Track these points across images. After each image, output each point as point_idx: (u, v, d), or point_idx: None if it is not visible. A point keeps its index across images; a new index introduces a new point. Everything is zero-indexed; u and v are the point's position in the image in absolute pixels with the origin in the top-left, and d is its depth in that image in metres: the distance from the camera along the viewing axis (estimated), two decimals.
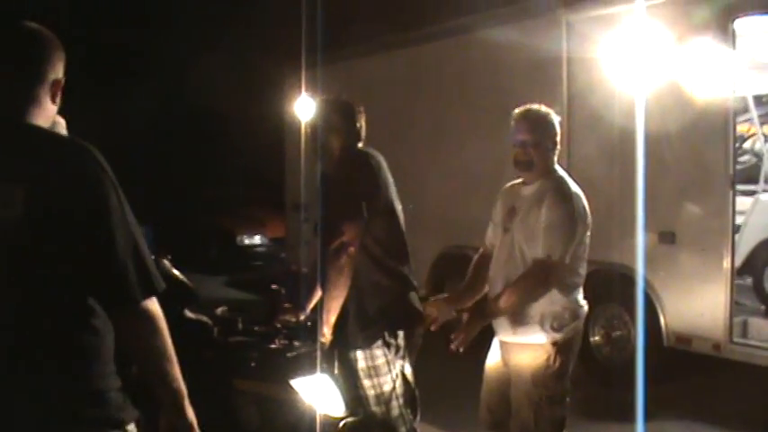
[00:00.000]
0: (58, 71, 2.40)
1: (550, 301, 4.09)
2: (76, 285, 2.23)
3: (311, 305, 4.19)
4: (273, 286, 4.24)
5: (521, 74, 7.83)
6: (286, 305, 4.22)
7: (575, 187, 4.19)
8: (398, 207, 4.23)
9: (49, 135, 2.34)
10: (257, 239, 15.77)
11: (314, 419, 3.53)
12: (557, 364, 4.09)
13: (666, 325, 6.86)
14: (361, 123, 4.25)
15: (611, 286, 7.28)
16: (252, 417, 3.74)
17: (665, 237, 6.80)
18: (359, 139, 4.25)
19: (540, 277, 4.04)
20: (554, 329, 4.09)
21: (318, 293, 4.09)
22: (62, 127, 3.80)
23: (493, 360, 4.38)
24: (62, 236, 2.18)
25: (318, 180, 4.30)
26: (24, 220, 2.13)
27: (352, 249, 3.89)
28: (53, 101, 2.40)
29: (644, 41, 6.66)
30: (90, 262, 2.21)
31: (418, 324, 4.27)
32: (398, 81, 9.99)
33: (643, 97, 6.50)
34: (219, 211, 16.28)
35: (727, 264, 6.42)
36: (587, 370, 7.51)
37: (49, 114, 2.40)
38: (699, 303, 6.68)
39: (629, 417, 5.77)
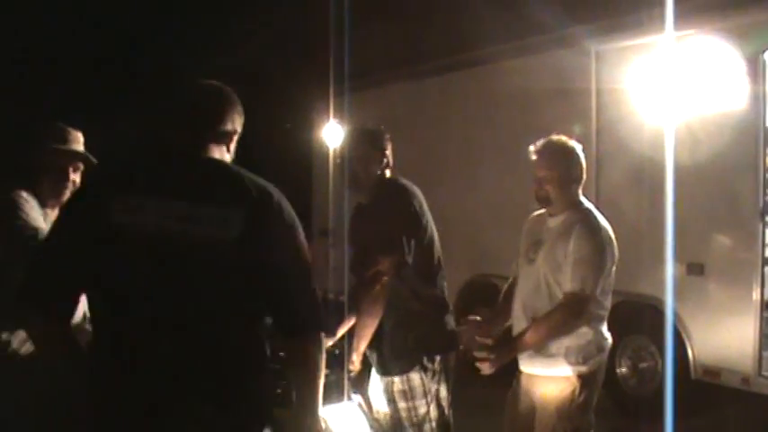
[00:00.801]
0: (236, 125, 2.74)
1: (576, 334, 4.08)
2: (260, 303, 2.54)
3: (340, 332, 4.19)
4: None
5: (550, 103, 7.83)
6: None
7: (602, 220, 4.17)
8: (435, 233, 4.23)
9: (249, 174, 2.61)
10: None
11: None
12: (581, 397, 4.07)
13: (694, 357, 6.80)
14: (389, 151, 4.27)
15: (638, 317, 7.24)
16: None
17: (694, 268, 6.74)
18: (388, 167, 4.26)
19: (573, 310, 4.02)
20: (579, 363, 4.07)
21: (348, 321, 4.09)
22: (79, 142, 3.88)
23: (516, 390, 4.36)
24: (262, 261, 2.47)
25: (346, 206, 4.32)
26: (238, 241, 2.42)
27: (386, 279, 3.89)
28: (228, 149, 2.73)
29: (673, 72, 6.65)
30: (278, 288, 2.55)
31: (454, 347, 4.26)
32: (427, 109, 10.01)
33: (672, 128, 6.48)
34: None
35: (756, 296, 6.36)
36: (614, 401, 7.45)
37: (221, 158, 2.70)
38: (727, 336, 6.62)
39: None
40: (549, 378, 4.12)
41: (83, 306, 2.64)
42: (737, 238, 6.61)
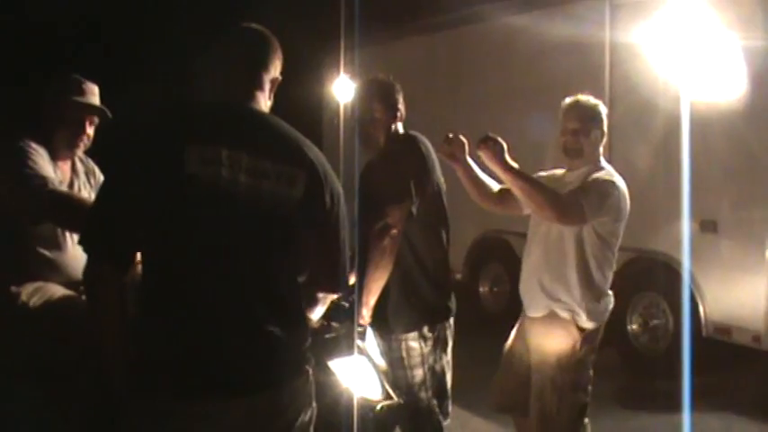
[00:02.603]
0: (277, 70, 2.73)
1: (590, 289, 4.11)
2: (304, 259, 2.63)
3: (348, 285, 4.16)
4: None
5: (563, 58, 7.74)
6: None
7: (618, 177, 4.19)
8: (444, 191, 4.19)
9: (291, 129, 2.65)
10: None
11: (351, 401, 3.52)
12: (582, 350, 4.14)
13: (706, 315, 6.78)
14: (401, 104, 4.21)
15: (650, 274, 7.23)
16: None
17: (707, 225, 6.71)
18: (399, 120, 4.20)
19: (562, 202, 4.03)
20: (586, 316, 4.11)
21: (357, 275, 4.06)
22: (96, 95, 3.84)
23: (512, 343, 4.42)
24: (318, 217, 2.58)
25: (357, 161, 4.26)
26: (301, 200, 2.52)
27: (395, 231, 3.85)
28: (269, 97, 2.73)
29: (690, 26, 6.56)
30: (324, 248, 2.66)
31: (453, 314, 4.23)
32: (439, 64, 9.95)
33: (688, 84, 6.41)
34: None
35: None
36: (624, 359, 7.46)
37: (266, 108, 2.70)
38: (739, 294, 6.61)
39: (666, 407, 5.74)
40: (551, 324, 4.15)
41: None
42: (751, 195, 6.57)
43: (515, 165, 4.06)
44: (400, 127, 4.20)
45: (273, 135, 2.58)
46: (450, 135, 4.34)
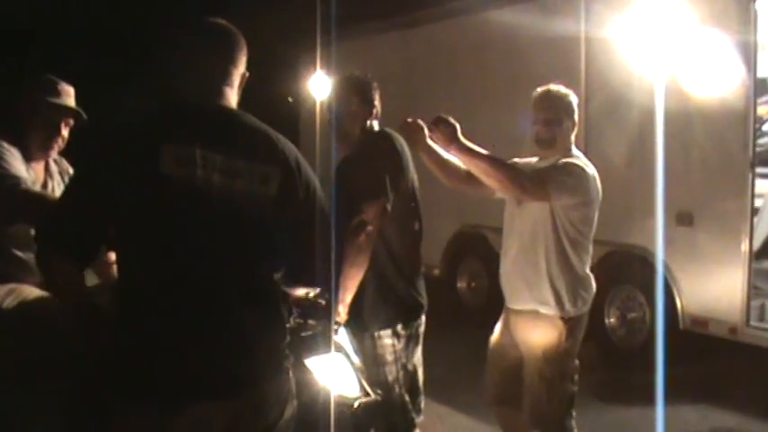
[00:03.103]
0: (244, 65, 2.70)
1: (569, 274, 4.14)
2: (280, 255, 2.61)
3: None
4: None
5: (538, 52, 7.75)
6: None
7: (589, 164, 4.23)
8: (417, 188, 4.18)
9: (263, 125, 2.64)
10: None
11: (328, 399, 3.50)
12: (568, 341, 4.17)
13: (683, 307, 6.81)
14: (377, 101, 4.19)
15: (626, 267, 7.26)
16: None
17: (683, 218, 6.73)
18: (375, 117, 4.19)
19: (518, 177, 4.09)
20: (568, 304, 4.15)
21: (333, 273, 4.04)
22: (71, 96, 3.81)
23: (499, 337, 4.43)
24: (292, 213, 2.58)
25: (333, 158, 4.24)
26: (274, 198, 2.52)
27: (371, 228, 3.84)
28: (238, 93, 2.70)
29: (664, 21, 6.58)
30: (300, 243, 2.65)
31: (424, 311, 4.22)
32: (413, 60, 9.93)
33: (663, 77, 6.43)
34: None
35: (745, 247, 6.36)
36: (602, 352, 7.49)
37: (235, 104, 2.68)
38: (716, 286, 6.64)
39: (643, 399, 5.75)
40: (536, 321, 4.18)
41: None
42: (727, 187, 6.59)
43: (471, 144, 4.07)
44: (375, 124, 4.19)
45: (246, 133, 2.57)
46: (409, 120, 4.30)
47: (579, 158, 4.24)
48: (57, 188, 3.77)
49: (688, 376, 6.53)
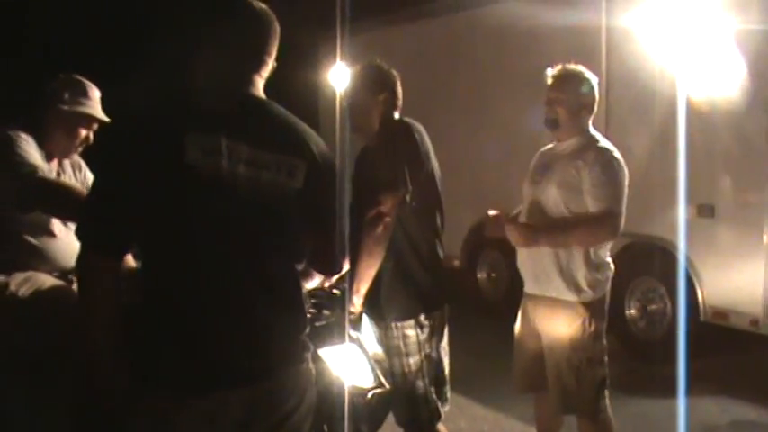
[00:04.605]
0: (274, 52, 2.63)
1: (586, 262, 4.11)
2: (304, 247, 2.64)
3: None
4: None
5: (559, 43, 7.70)
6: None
7: (611, 146, 4.18)
8: (438, 177, 4.16)
9: (291, 116, 2.60)
10: None
11: (342, 389, 3.51)
12: (592, 326, 4.13)
13: (704, 299, 6.78)
14: (399, 91, 4.17)
15: (647, 259, 7.21)
16: None
17: (705, 210, 6.69)
18: (396, 108, 4.16)
19: (608, 226, 4.04)
20: (588, 289, 4.12)
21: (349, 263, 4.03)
22: (94, 99, 3.80)
23: (523, 326, 4.40)
24: (316, 204, 2.59)
25: (348, 149, 4.23)
26: (300, 189, 2.50)
27: (388, 219, 3.82)
28: (263, 80, 2.62)
29: (686, 10, 6.53)
30: (323, 234, 2.67)
31: (447, 300, 4.20)
32: (435, 50, 9.91)
33: (685, 68, 6.38)
34: None
35: (767, 239, 6.30)
36: (622, 343, 7.46)
37: (262, 94, 2.61)
38: (737, 278, 6.59)
39: (663, 391, 5.73)
40: (556, 306, 4.15)
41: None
42: (748, 179, 6.54)
43: (535, 229, 4.07)
44: (396, 115, 4.16)
45: (274, 124, 2.55)
46: (492, 213, 4.35)
47: (600, 141, 4.17)
48: (68, 181, 3.77)
49: (708, 368, 6.50)
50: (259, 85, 2.58)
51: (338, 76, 9.39)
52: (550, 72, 4.25)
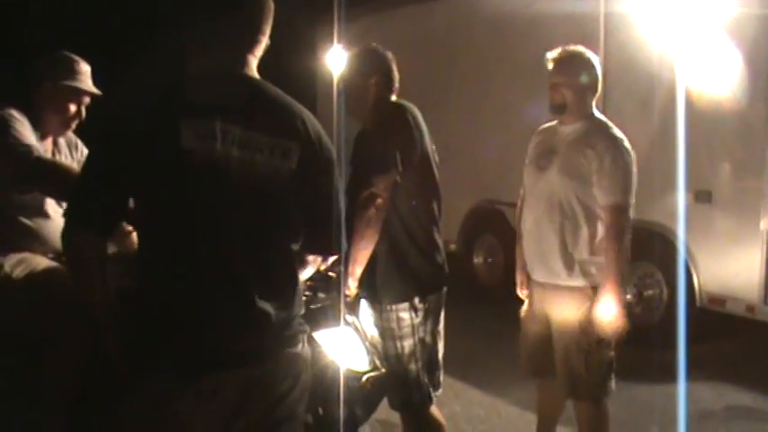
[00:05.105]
0: (269, 31, 2.61)
1: (590, 247, 4.12)
2: (298, 227, 2.61)
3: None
4: None
5: (558, 28, 7.68)
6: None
7: (619, 131, 4.18)
8: (435, 160, 4.14)
9: (285, 97, 2.58)
10: None
11: (337, 372, 3.50)
12: None
13: (700, 285, 6.79)
14: (395, 74, 4.15)
15: (644, 244, 7.19)
16: None
17: (702, 196, 6.69)
18: (391, 91, 4.15)
19: (623, 223, 4.06)
20: (594, 273, 4.11)
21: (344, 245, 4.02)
22: (85, 73, 3.78)
23: (529, 309, 4.41)
24: (311, 185, 2.58)
25: (346, 132, 4.21)
26: (294, 171, 2.49)
27: (380, 201, 3.81)
28: (256, 60, 2.60)
29: None
30: (318, 215, 2.64)
31: (444, 284, 4.19)
32: (433, 34, 9.89)
33: (682, 54, 6.36)
34: None
35: (764, 225, 6.31)
36: None
37: (256, 74, 2.59)
38: (734, 264, 6.60)
39: (659, 377, 5.74)
40: (563, 291, 4.15)
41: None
42: (746, 165, 6.54)
43: (613, 289, 4.04)
44: (392, 98, 4.15)
45: (268, 105, 2.53)
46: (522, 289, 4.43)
47: (607, 125, 4.16)
48: (64, 160, 3.76)
49: (704, 354, 6.50)
50: (253, 65, 2.57)
51: (336, 60, 9.36)
52: (550, 56, 4.21)
